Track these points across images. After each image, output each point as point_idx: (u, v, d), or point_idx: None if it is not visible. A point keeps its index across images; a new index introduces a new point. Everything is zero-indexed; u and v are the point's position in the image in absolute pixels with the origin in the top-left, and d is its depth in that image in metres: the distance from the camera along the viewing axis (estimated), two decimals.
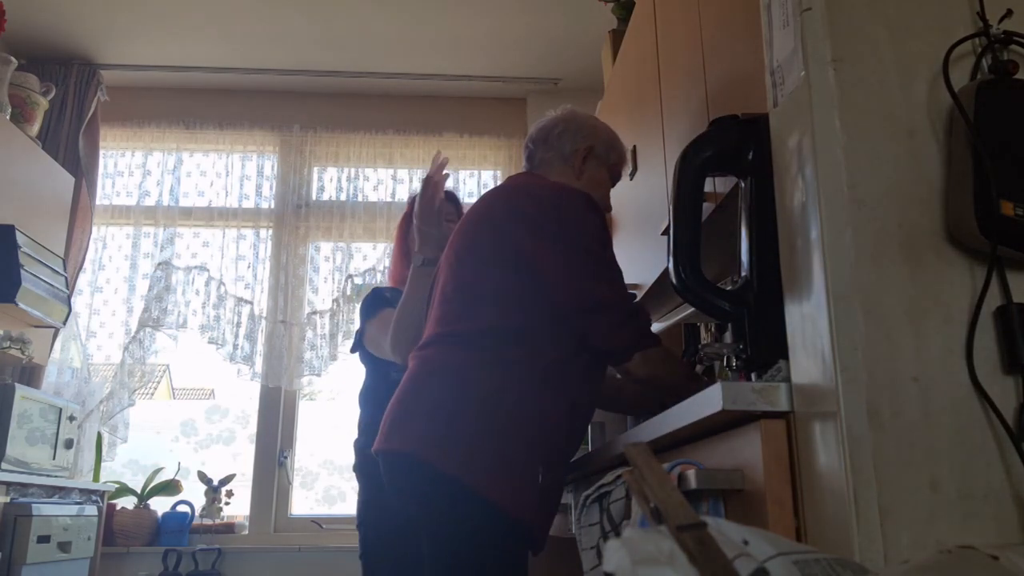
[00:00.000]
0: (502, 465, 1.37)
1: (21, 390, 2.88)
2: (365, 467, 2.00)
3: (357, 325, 2.16)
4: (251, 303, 3.80)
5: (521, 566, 1.43)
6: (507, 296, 1.46)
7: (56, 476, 3.04)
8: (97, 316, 3.75)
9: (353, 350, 2.17)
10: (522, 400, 1.41)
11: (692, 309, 2.02)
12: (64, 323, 3.26)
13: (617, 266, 1.51)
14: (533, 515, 1.40)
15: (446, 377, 1.46)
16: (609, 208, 1.75)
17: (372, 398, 2.08)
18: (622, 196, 2.55)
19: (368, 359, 2.11)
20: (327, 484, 4.21)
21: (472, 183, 4.05)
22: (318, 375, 3.78)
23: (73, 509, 2.93)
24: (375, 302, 2.08)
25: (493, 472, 1.36)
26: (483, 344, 1.45)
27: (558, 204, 1.49)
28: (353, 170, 4.02)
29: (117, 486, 3.56)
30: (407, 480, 1.45)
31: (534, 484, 1.39)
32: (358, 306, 2.27)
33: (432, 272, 1.87)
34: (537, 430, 1.41)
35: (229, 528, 3.63)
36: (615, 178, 1.78)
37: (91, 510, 3.07)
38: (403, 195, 3.97)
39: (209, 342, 3.72)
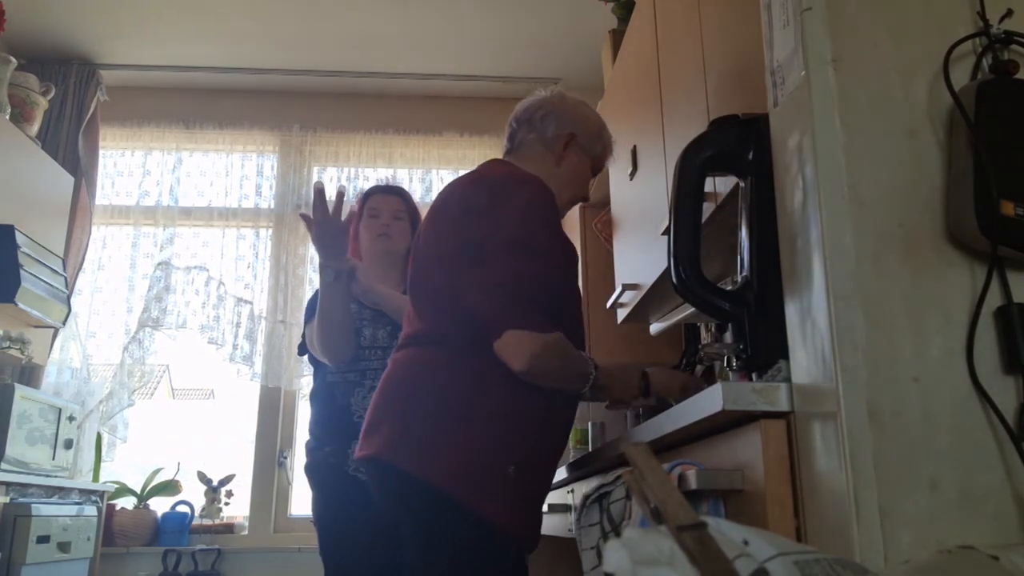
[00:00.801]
0: (472, 468, 1.34)
1: (20, 390, 2.88)
2: (312, 467, 2.01)
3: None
4: (251, 303, 3.79)
5: (511, 568, 1.39)
6: (465, 293, 1.41)
7: (56, 476, 3.04)
8: (97, 316, 3.75)
9: (300, 353, 2.19)
10: (490, 400, 1.37)
11: (692, 309, 2.02)
12: (63, 323, 3.26)
13: (553, 260, 1.44)
14: (510, 518, 1.35)
15: (413, 380, 1.43)
16: (587, 198, 1.71)
17: (315, 400, 2.10)
18: (622, 196, 2.55)
19: (312, 361, 2.12)
20: None
21: None
22: None
23: (73, 509, 2.93)
24: (314, 306, 2.08)
25: (463, 475, 1.33)
26: (448, 343, 1.42)
27: (506, 196, 1.44)
28: (353, 170, 4.03)
29: (117, 486, 3.56)
30: (385, 485, 1.43)
31: (508, 486, 1.35)
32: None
33: (343, 286, 1.92)
34: (509, 430, 1.37)
35: (229, 528, 3.63)
36: (597, 169, 1.72)
37: (91, 510, 3.07)
38: None
39: (209, 342, 3.72)
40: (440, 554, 1.36)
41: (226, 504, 3.69)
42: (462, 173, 1.61)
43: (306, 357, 2.16)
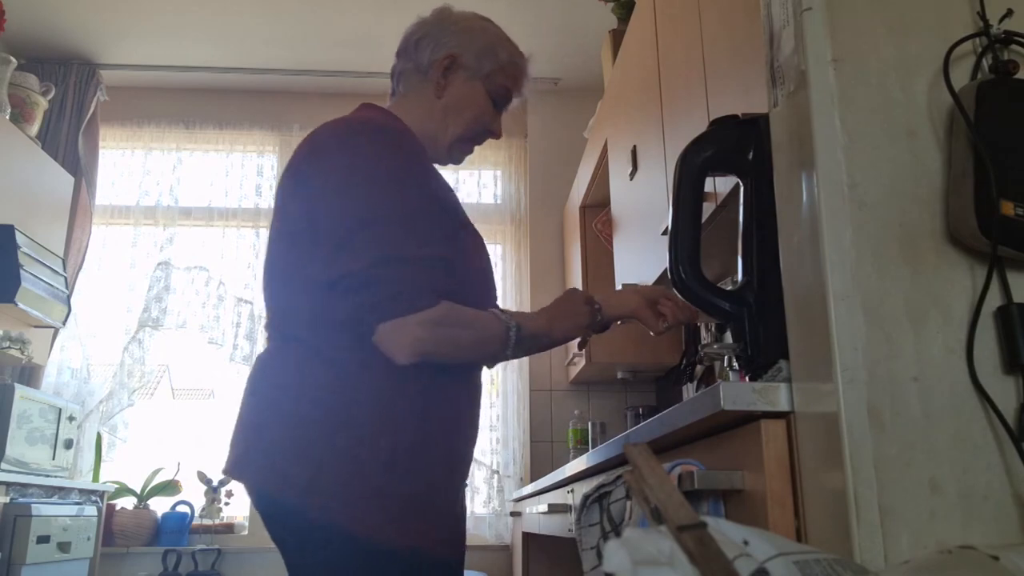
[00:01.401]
0: (342, 482, 1.10)
1: (21, 390, 2.88)
2: None
3: None
4: (251, 303, 3.80)
5: None
6: (306, 278, 1.19)
7: (56, 476, 3.04)
8: (97, 316, 3.75)
9: None
10: (351, 400, 1.14)
11: None
12: (64, 323, 3.26)
13: (417, 219, 1.17)
14: (393, 533, 1.10)
15: (263, 382, 1.21)
16: (494, 133, 1.41)
17: None
18: (622, 196, 2.55)
19: None
20: None
21: (472, 182, 4.05)
22: None
23: (73, 509, 2.93)
24: None
25: (328, 491, 1.10)
26: (297, 338, 1.19)
27: (331, 153, 1.20)
28: None
29: (117, 486, 3.56)
30: (257, 508, 1.20)
31: (391, 496, 1.12)
32: None
33: None
34: (383, 430, 1.13)
35: (229, 528, 3.63)
36: (499, 96, 1.40)
37: (91, 510, 3.07)
38: None
39: (209, 342, 3.72)
40: None
41: (226, 504, 3.69)
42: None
43: None
